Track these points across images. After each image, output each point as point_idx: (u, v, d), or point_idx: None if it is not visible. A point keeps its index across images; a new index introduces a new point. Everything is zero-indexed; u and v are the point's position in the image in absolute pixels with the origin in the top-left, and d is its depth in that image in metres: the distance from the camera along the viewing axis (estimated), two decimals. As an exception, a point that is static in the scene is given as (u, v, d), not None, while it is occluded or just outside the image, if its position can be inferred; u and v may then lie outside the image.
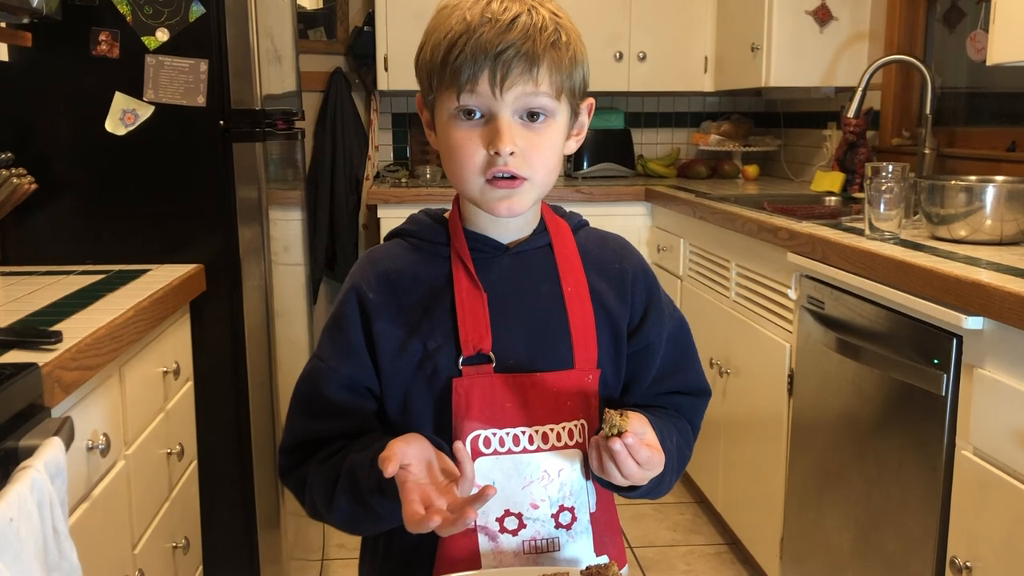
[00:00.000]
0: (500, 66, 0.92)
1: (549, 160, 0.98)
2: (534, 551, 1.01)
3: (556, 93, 0.95)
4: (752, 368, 2.52)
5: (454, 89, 0.94)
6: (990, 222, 1.89)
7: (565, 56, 0.95)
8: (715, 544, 2.87)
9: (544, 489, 1.00)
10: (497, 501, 0.99)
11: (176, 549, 1.86)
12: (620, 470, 0.92)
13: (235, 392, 2.12)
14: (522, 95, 0.94)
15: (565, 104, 0.98)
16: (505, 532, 1.00)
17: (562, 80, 0.95)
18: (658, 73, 3.69)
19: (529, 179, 0.96)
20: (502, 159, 0.94)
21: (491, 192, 0.97)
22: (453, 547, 0.99)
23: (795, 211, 2.54)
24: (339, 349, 1.01)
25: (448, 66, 0.93)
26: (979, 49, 2.61)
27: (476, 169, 0.96)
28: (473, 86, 0.93)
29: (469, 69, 0.92)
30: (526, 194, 0.97)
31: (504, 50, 0.91)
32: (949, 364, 1.61)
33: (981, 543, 1.54)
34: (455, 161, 0.97)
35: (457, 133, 0.96)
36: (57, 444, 1.12)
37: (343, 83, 3.83)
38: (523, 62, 0.92)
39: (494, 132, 0.94)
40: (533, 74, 0.93)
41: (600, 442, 0.93)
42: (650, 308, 1.07)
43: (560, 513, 1.01)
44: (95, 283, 1.82)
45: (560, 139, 0.99)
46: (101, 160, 2.01)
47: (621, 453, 0.91)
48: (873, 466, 1.88)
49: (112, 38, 1.97)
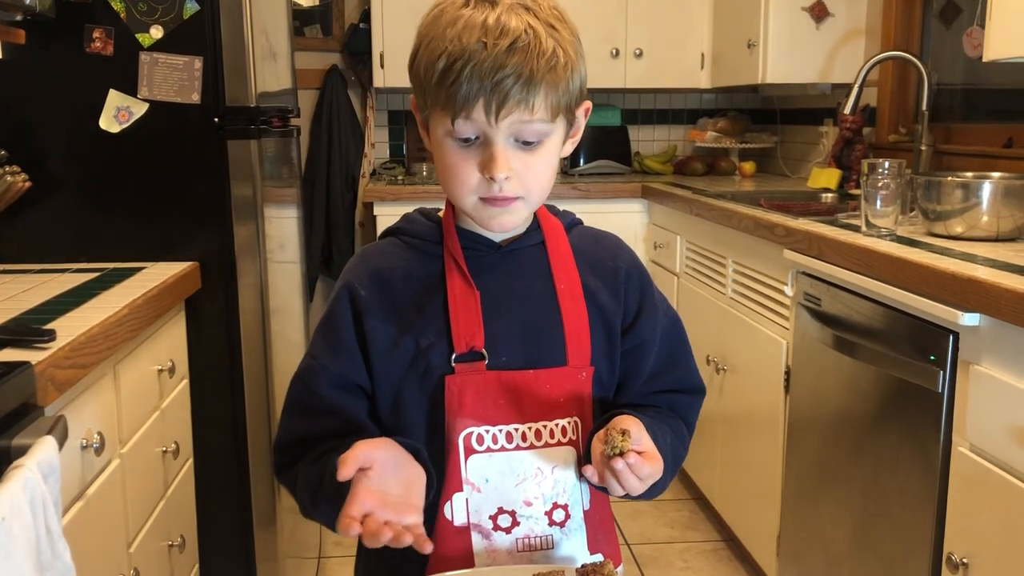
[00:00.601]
0: (496, 95, 0.90)
1: (543, 178, 0.98)
2: (528, 549, 1.00)
3: (552, 116, 0.94)
4: (749, 365, 2.52)
5: (448, 112, 0.93)
6: (986, 218, 1.88)
7: (563, 77, 0.93)
8: (712, 541, 2.87)
9: (538, 487, 1.00)
10: (490, 499, 0.99)
11: (172, 547, 1.86)
12: (622, 486, 0.92)
13: (231, 390, 2.11)
14: (517, 122, 0.92)
15: (561, 120, 0.97)
16: (499, 530, 1.00)
17: (559, 100, 0.94)
18: (655, 70, 3.68)
19: (524, 198, 0.97)
20: (497, 184, 0.94)
21: (485, 210, 0.97)
22: (446, 545, 0.99)
23: (792, 208, 2.54)
24: (331, 347, 1.01)
25: (443, 89, 0.92)
26: (975, 45, 2.60)
27: (470, 190, 0.96)
28: (468, 113, 0.91)
29: (464, 96, 0.90)
30: (520, 211, 0.98)
31: (501, 80, 0.90)
32: (945, 360, 1.61)
33: (977, 539, 1.54)
34: (450, 180, 0.97)
35: (451, 154, 0.95)
36: (50, 443, 1.11)
37: (339, 80, 3.83)
38: (520, 90, 0.90)
39: (489, 158, 0.93)
40: (529, 103, 0.91)
41: (602, 459, 0.92)
42: (643, 306, 1.07)
43: (554, 510, 1.01)
44: (89, 281, 1.81)
45: (556, 154, 0.99)
46: (95, 158, 2.00)
47: (624, 472, 0.91)
48: (870, 463, 1.88)
49: (106, 35, 1.96)
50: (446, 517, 0.99)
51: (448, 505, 0.99)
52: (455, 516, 0.99)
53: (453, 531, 0.99)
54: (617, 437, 0.91)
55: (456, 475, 0.98)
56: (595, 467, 0.94)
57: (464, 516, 0.99)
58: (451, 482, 0.98)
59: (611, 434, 0.92)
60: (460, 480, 0.98)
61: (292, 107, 2.58)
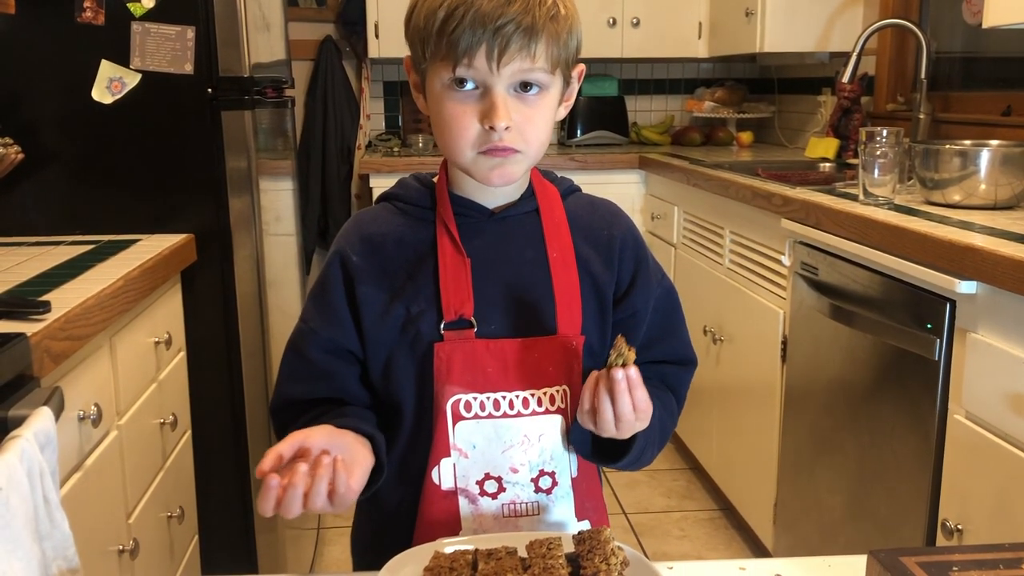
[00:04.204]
0: (499, 40, 0.90)
1: (542, 132, 0.97)
2: (513, 515, 1.01)
3: (552, 67, 0.94)
4: (746, 335, 2.53)
5: (449, 61, 0.92)
6: (984, 186, 1.88)
7: (563, 29, 0.93)
8: (709, 510, 2.89)
9: (524, 453, 1.00)
10: (477, 464, 1.00)
11: (171, 519, 1.87)
12: (615, 405, 0.90)
13: (228, 362, 2.11)
14: (519, 71, 0.92)
15: (559, 75, 0.97)
16: (485, 495, 1.00)
17: (558, 53, 0.94)
18: (652, 39, 3.65)
19: (523, 151, 0.96)
20: (497, 134, 0.93)
21: (484, 161, 0.96)
22: (433, 509, 1.00)
23: (789, 177, 2.53)
24: (321, 312, 1.02)
25: (444, 37, 0.91)
26: (975, 12, 2.58)
27: (469, 143, 0.95)
28: (470, 60, 0.91)
29: (466, 42, 0.90)
30: (518, 164, 0.97)
31: (503, 25, 0.89)
32: (942, 329, 1.61)
33: (972, 506, 1.55)
34: (448, 133, 0.96)
35: (450, 105, 0.95)
36: (47, 414, 1.11)
37: (333, 51, 3.79)
38: (522, 37, 0.90)
39: (489, 106, 0.93)
40: (531, 49, 0.91)
41: (601, 372, 0.91)
42: (638, 276, 1.06)
43: (540, 477, 1.01)
44: (84, 253, 1.81)
45: (553, 110, 0.99)
46: (89, 129, 1.99)
47: (622, 383, 0.89)
48: (866, 431, 1.89)
49: (97, 4, 1.93)
50: (433, 481, 0.99)
51: (436, 470, 0.99)
52: (442, 480, 1.00)
53: (440, 495, 0.99)
54: (624, 347, 0.89)
55: (444, 441, 0.99)
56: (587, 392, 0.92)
57: (451, 481, 1.00)
58: (439, 447, 0.99)
59: (620, 341, 0.90)
60: (448, 446, 0.99)
61: (286, 78, 2.56)
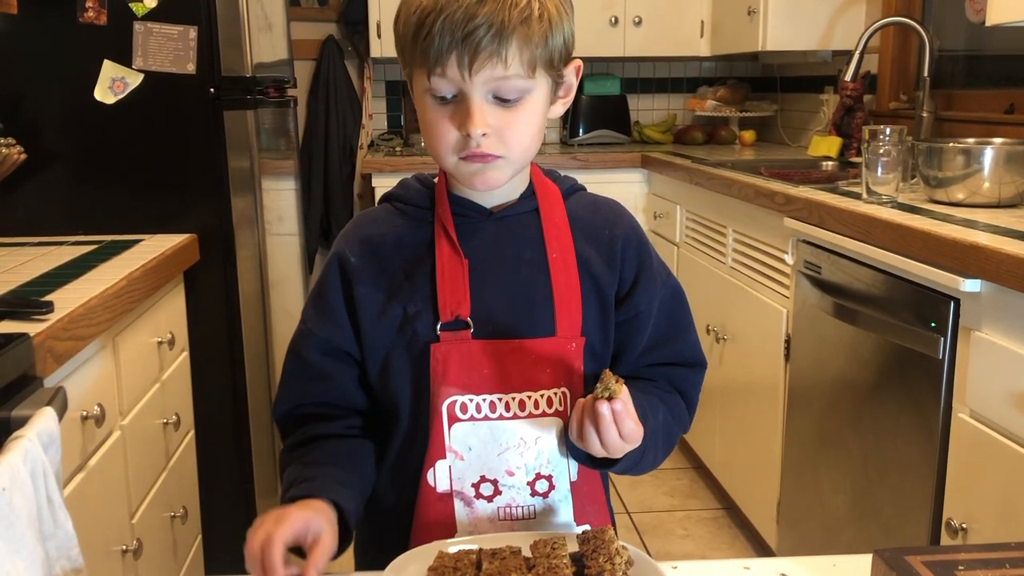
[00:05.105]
0: (467, 49, 0.88)
1: (524, 136, 0.95)
2: (509, 518, 1.00)
3: (529, 71, 0.92)
4: (749, 334, 2.52)
5: (424, 69, 0.92)
6: (988, 184, 1.87)
7: (539, 29, 0.91)
8: (712, 509, 2.89)
9: (520, 456, 0.99)
10: (473, 467, 0.99)
11: (175, 518, 1.87)
12: (600, 437, 0.89)
13: (231, 363, 2.11)
14: (491, 79, 0.90)
15: (543, 76, 0.94)
16: (480, 498, 0.99)
17: (535, 55, 0.91)
18: (654, 38, 3.65)
19: (504, 156, 0.95)
20: (474, 141, 0.92)
21: (465, 167, 0.95)
22: (428, 511, 0.99)
23: (792, 176, 2.53)
24: (319, 313, 1.02)
25: (418, 44, 0.91)
26: (978, 10, 2.58)
27: (449, 148, 0.94)
28: (443, 69, 0.90)
29: (436, 51, 0.89)
30: (500, 169, 0.96)
31: (471, 32, 0.88)
32: (946, 327, 1.60)
33: (977, 505, 1.55)
34: (429, 139, 0.96)
35: (429, 112, 0.94)
36: (50, 414, 1.11)
37: (335, 51, 3.79)
38: (491, 43, 0.88)
39: (465, 114, 0.92)
40: (502, 56, 0.89)
41: (587, 403, 0.90)
42: (641, 276, 1.04)
43: (536, 481, 1.00)
44: (87, 253, 1.81)
45: (539, 111, 0.96)
46: (91, 129, 1.99)
47: (606, 418, 0.88)
48: (870, 430, 1.88)
49: (99, 4, 1.94)
50: (429, 484, 0.99)
51: (431, 472, 0.99)
52: (438, 483, 0.99)
53: (435, 497, 0.99)
54: (611, 380, 0.88)
55: (439, 442, 0.98)
56: (575, 415, 0.91)
57: (447, 483, 0.99)
58: (434, 449, 0.98)
59: (607, 375, 0.88)
60: (443, 447, 0.98)
61: (288, 77, 2.56)
